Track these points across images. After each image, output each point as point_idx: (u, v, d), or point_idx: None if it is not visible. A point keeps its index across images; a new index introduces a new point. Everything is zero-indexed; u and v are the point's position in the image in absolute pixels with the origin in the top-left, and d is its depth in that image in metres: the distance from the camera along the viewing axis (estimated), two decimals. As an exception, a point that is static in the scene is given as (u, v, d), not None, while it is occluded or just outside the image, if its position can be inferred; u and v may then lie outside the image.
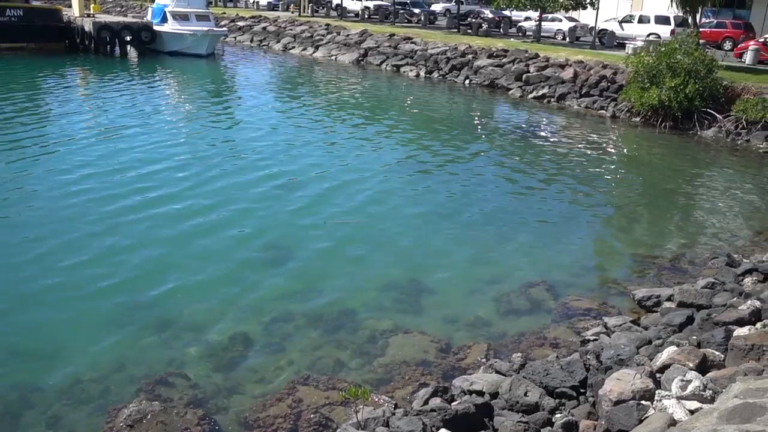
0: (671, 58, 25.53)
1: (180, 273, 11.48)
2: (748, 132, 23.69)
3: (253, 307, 10.39)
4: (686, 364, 7.19)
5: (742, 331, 7.96)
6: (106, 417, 7.63)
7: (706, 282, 10.91)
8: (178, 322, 9.86)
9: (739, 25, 39.36)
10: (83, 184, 15.57)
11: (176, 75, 35.52)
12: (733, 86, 25.52)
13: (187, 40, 41.55)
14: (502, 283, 11.63)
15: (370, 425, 7.00)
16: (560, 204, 16.28)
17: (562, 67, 31.84)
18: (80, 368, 8.60)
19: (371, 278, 11.64)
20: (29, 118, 22.56)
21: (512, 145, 22.64)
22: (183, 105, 27.83)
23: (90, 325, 9.75)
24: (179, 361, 8.87)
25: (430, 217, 14.77)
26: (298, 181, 16.80)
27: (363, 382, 8.46)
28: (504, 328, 10.12)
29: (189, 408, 7.81)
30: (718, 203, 17.04)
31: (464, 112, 28.27)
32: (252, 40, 51.44)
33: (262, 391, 8.29)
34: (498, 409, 7.22)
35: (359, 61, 41.57)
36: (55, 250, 12.00)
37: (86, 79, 33.04)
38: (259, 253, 12.53)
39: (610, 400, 6.65)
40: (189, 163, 17.98)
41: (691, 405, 6.28)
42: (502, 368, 8.49)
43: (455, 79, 35.63)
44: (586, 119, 27.44)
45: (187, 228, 13.41)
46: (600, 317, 10.30)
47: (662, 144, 23.72)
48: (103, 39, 40.82)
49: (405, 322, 10.11)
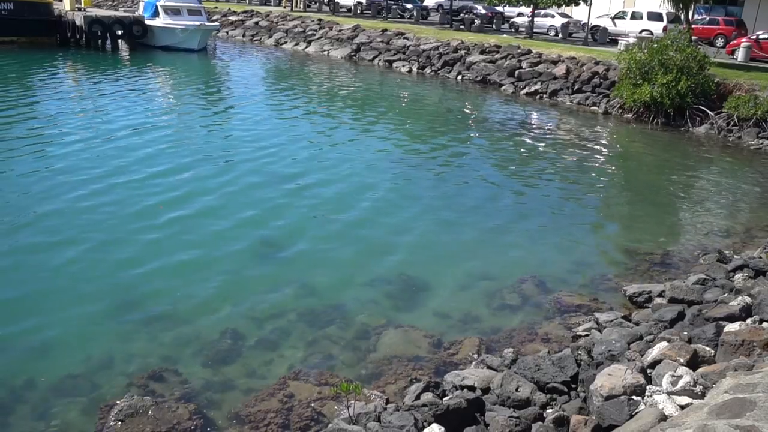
0: (663, 54, 25.59)
1: (171, 268, 11.45)
2: (739, 129, 23.79)
3: (244, 303, 10.37)
4: (677, 360, 7.23)
5: (733, 326, 8.01)
6: (98, 412, 7.61)
7: (697, 278, 10.95)
8: (169, 317, 9.83)
9: (732, 22, 39.49)
10: (72, 179, 15.47)
11: (168, 70, 35.35)
12: (725, 83, 25.62)
13: (178, 35, 41.36)
14: (493, 278, 11.65)
15: (361, 420, 7.01)
16: (552, 200, 16.30)
17: (555, 63, 31.87)
18: (72, 364, 8.57)
19: (363, 273, 11.63)
20: (19, 113, 22.41)
21: (504, 141, 22.66)
22: (174, 100, 27.70)
23: (80, 320, 9.70)
24: (171, 357, 8.84)
25: (421, 213, 14.77)
26: (290, 176, 16.76)
27: (355, 377, 8.47)
28: (496, 323, 10.14)
29: (181, 403, 7.79)
30: (709, 200, 17.11)
31: (456, 108, 28.28)
32: (244, 35, 51.27)
33: (253, 386, 8.28)
34: (489, 405, 7.24)
35: (352, 56, 41.49)
36: (45, 245, 11.94)
37: (77, 74, 32.85)
38: (250, 248, 12.50)
39: (601, 396, 6.68)
40: (179, 158, 17.90)
41: (682, 400, 6.32)
42: (494, 363, 8.51)
43: (447, 75, 35.62)
44: (579, 115, 27.49)
45: (177, 223, 13.36)
46: (591, 313, 10.33)
47: (654, 140, 23.78)
48: (95, 33, 40.59)
49: (397, 318, 10.11)
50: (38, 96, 26.11)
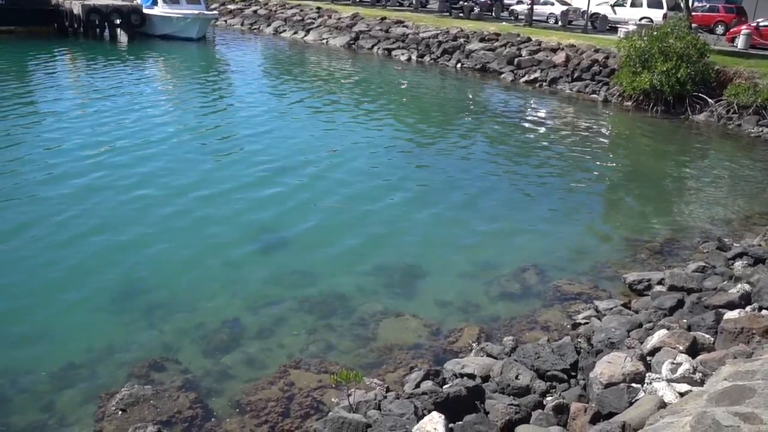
0: (663, 42, 25.52)
1: (171, 257, 11.46)
2: (739, 116, 23.75)
3: (244, 292, 10.38)
4: (676, 348, 7.24)
5: (732, 314, 8.02)
6: (99, 401, 7.63)
7: (696, 266, 10.97)
8: (169, 306, 9.84)
9: (732, 9, 39.35)
10: (71, 169, 15.45)
11: (166, 59, 35.21)
12: (724, 71, 25.54)
13: (177, 24, 41.11)
14: (493, 266, 11.66)
15: (362, 408, 7.03)
16: (551, 188, 16.29)
17: (554, 51, 31.75)
18: (72, 353, 8.58)
19: (363, 262, 11.63)
20: (17, 103, 22.32)
21: (503, 129, 22.61)
22: (173, 90, 27.61)
23: (81, 309, 9.71)
24: (171, 346, 8.86)
25: (420, 201, 14.75)
26: (290, 165, 16.74)
27: (355, 365, 8.48)
28: (495, 311, 10.15)
29: (181, 392, 7.81)
30: (709, 187, 17.10)
31: (456, 97, 28.19)
32: (243, 23, 51.01)
33: (254, 375, 8.30)
34: (489, 392, 7.26)
35: (350, 44, 41.30)
36: (44, 235, 11.93)
37: (75, 64, 32.69)
38: (250, 237, 12.49)
39: (600, 383, 6.70)
40: (179, 147, 17.87)
41: (681, 387, 6.34)
42: (494, 351, 8.53)
43: (447, 63, 35.49)
44: (578, 103, 27.42)
45: (177, 212, 13.35)
46: (591, 301, 10.35)
47: (654, 128, 23.74)
48: (93, 22, 40.32)
49: (397, 306, 10.12)
50: (36, 87, 25.94)
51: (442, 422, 6.19)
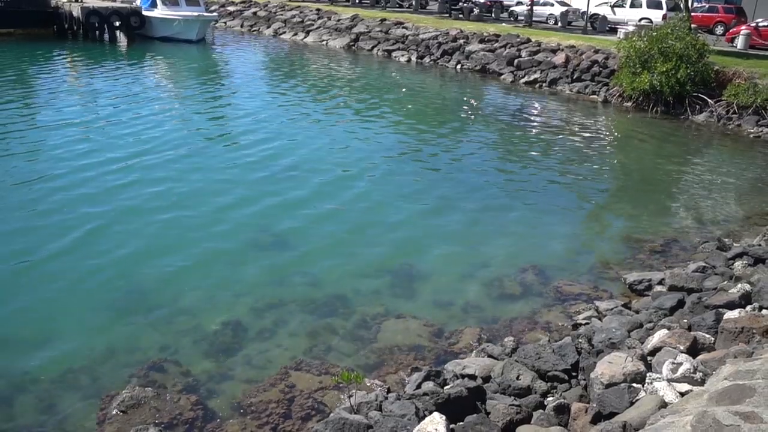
0: (663, 42, 25.51)
1: (172, 259, 11.45)
2: (739, 117, 23.74)
3: (245, 293, 10.38)
4: (677, 347, 7.24)
5: (732, 314, 8.02)
6: (100, 403, 7.64)
7: (696, 266, 10.97)
8: (170, 308, 9.85)
9: (731, 10, 39.38)
10: (73, 169, 15.46)
11: (166, 61, 35.23)
12: (724, 71, 25.54)
13: (177, 26, 41.12)
14: (494, 267, 11.66)
15: (363, 409, 7.03)
16: (552, 188, 16.30)
17: (554, 52, 31.77)
18: (73, 355, 8.59)
19: (363, 263, 11.64)
20: (17, 105, 22.35)
21: (504, 130, 22.62)
22: (173, 92, 27.61)
23: (82, 311, 9.72)
24: (172, 348, 8.86)
25: (421, 202, 14.75)
26: (289, 167, 16.74)
27: (356, 366, 8.50)
28: (496, 312, 10.16)
29: (182, 394, 7.82)
30: (708, 188, 17.11)
31: (455, 98, 28.21)
32: (242, 25, 51.04)
33: (255, 377, 8.30)
34: (490, 393, 7.26)
35: (350, 46, 41.33)
36: (45, 236, 11.93)
37: (75, 66, 32.70)
38: (250, 238, 12.50)
39: (601, 383, 6.70)
40: (179, 149, 17.87)
41: (682, 387, 6.34)
42: (495, 352, 8.53)
43: (447, 65, 35.50)
44: (578, 104, 27.43)
45: (178, 214, 13.36)
46: (592, 301, 10.36)
47: (653, 129, 23.73)
48: (92, 24, 40.33)
49: (397, 307, 10.13)
50: (35, 89, 25.98)
51: (443, 423, 6.18)
